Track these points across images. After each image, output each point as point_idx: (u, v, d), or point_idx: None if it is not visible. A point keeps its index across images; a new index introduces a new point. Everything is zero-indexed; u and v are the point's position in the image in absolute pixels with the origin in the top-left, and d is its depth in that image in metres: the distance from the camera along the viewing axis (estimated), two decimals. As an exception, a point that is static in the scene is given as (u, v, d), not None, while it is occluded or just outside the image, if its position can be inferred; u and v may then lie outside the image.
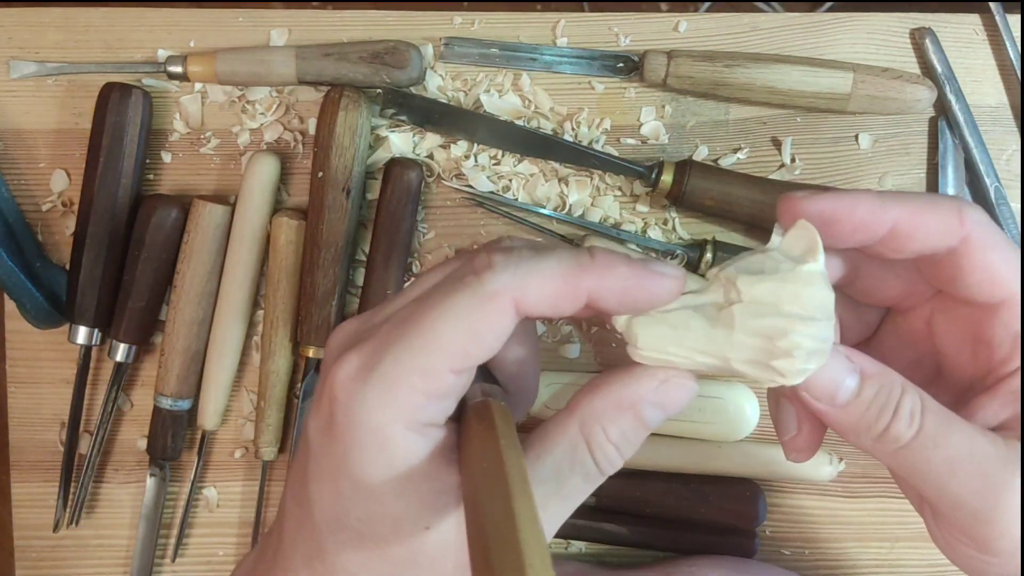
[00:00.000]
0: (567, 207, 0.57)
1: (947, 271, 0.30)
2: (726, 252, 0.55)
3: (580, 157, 0.56)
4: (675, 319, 0.29)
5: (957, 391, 0.33)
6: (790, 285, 0.28)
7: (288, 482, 0.31)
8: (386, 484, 0.27)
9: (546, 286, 0.27)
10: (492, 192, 0.57)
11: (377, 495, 0.27)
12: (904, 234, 0.29)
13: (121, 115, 0.54)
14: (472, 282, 0.27)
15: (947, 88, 0.57)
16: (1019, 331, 0.29)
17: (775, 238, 0.30)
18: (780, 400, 0.32)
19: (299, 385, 0.57)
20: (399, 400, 0.27)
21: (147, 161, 0.57)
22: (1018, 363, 0.30)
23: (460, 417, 0.30)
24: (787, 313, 0.27)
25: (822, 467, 0.56)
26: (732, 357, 0.28)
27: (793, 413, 0.32)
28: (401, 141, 0.57)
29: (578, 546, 0.58)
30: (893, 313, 0.35)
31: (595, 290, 0.28)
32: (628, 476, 0.56)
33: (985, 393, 0.30)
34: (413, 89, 0.57)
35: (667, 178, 0.55)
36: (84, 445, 0.57)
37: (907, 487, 0.32)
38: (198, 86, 0.57)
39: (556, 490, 0.29)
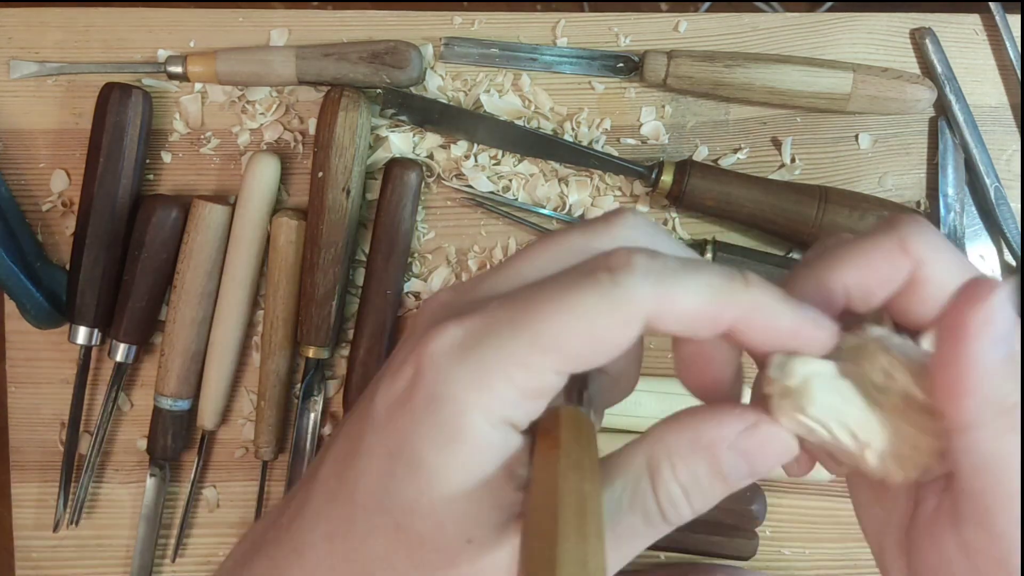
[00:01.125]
0: (567, 207, 0.57)
1: (903, 304, 0.27)
2: (726, 253, 0.55)
3: (580, 157, 0.56)
4: (845, 389, 0.25)
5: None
6: None
7: (332, 445, 0.28)
8: (445, 478, 0.25)
9: (688, 304, 0.24)
10: (492, 192, 0.57)
11: (432, 488, 0.25)
12: (860, 294, 0.27)
13: (121, 115, 0.54)
14: (605, 281, 0.24)
15: (947, 88, 0.57)
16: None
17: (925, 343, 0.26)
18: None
19: (299, 385, 0.57)
20: (492, 389, 0.24)
21: (147, 161, 0.57)
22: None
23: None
24: None
25: (821, 468, 0.55)
26: (875, 445, 0.25)
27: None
28: (401, 141, 0.57)
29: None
30: None
31: (741, 324, 0.25)
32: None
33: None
34: (413, 89, 0.57)
35: (667, 178, 0.55)
36: (84, 445, 0.57)
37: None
38: (198, 86, 0.57)
39: (612, 528, 0.25)
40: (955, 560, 0.25)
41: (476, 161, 0.57)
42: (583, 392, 0.27)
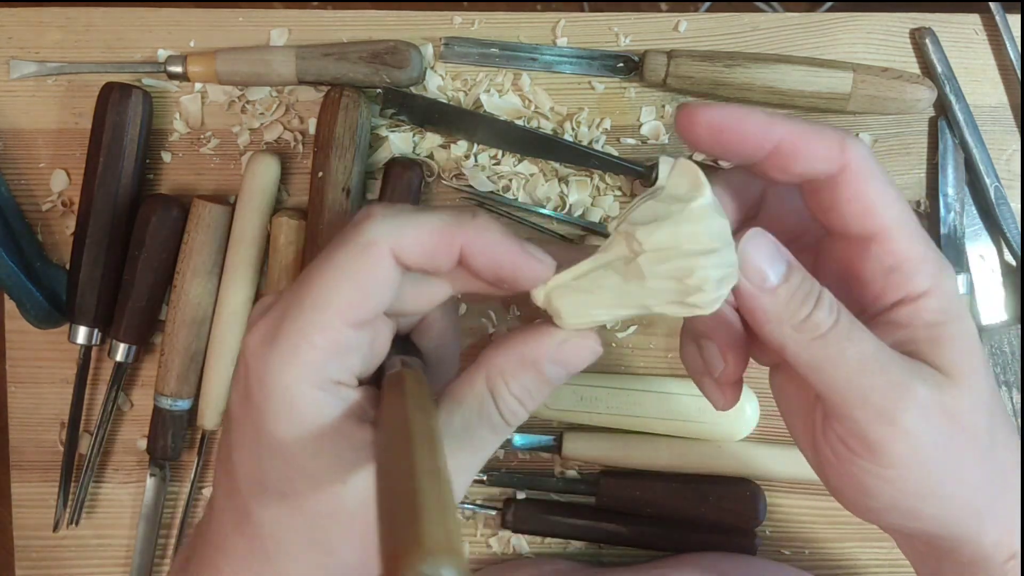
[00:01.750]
0: (567, 207, 0.57)
1: (826, 199, 0.31)
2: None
3: (580, 157, 0.56)
4: (589, 283, 0.30)
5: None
6: (685, 225, 0.29)
7: (217, 457, 0.33)
8: (299, 442, 0.28)
9: (422, 237, 0.28)
10: (492, 192, 0.57)
11: (292, 454, 0.28)
12: (787, 154, 0.30)
13: (121, 115, 0.54)
14: (351, 234, 0.29)
15: (947, 88, 0.57)
16: (889, 265, 0.30)
17: (661, 178, 0.31)
18: (702, 341, 0.34)
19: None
20: (302, 359, 0.28)
21: (147, 161, 0.57)
22: (891, 298, 0.31)
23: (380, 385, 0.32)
24: (688, 252, 0.28)
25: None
26: (650, 304, 0.30)
27: (716, 349, 0.33)
28: (401, 141, 0.57)
29: (577, 545, 0.58)
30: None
31: (468, 248, 0.29)
32: (628, 476, 0.56)
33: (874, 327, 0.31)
34: (413, 89, 0.57)
35: (667, 178, 0.54)
36: (84, 445, 0.57)
37: (802, 418, 0.34)
38: (198, 86, 0.57)
39: (467, 442, 0.30)
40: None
41: (476, 161, 0.57)
42: (415, 364, 0.32)
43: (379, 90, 0.56)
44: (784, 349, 0.30)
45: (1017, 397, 0.56)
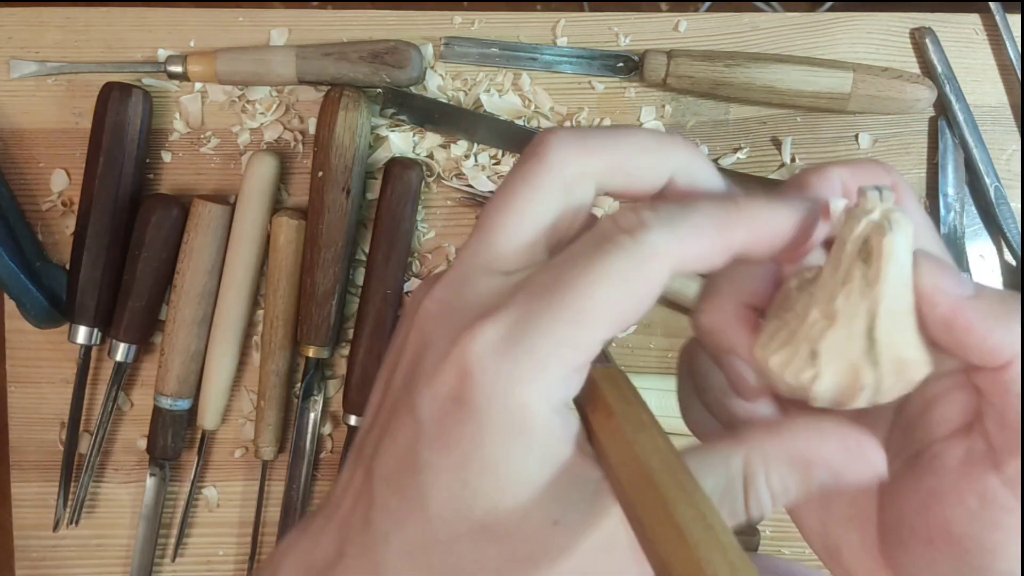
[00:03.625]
0: (567, 207, 0.57)
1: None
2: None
3: (580, 157, 0.56)
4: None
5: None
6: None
7: (377, 465, 0.27)
8: (522, 472, 0.25)
9: (702, 242, 0.25)
10: (492, 192, 0.57)
11: (511, 483, 0.25)
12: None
13: (121, 115, 0.54)
14: (627, 243, 0.25)
15: (947, 88, 0.57)
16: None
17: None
18: (724, 357, 0.30)
19: (299, 385, 0.57)
20: (549, 375, 0.24)
21: (147, 161, 0.57)
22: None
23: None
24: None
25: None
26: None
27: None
28: (401, 141, 0.57)
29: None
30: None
31: (747, 241, 0.26)
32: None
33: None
34: (413, 89, 0.57)
35: (667, 178, 0.55)
36: (84, 445, 0.57)
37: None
38: (198, 86, 0.57)
39: None
40: (1000, 497, 0.26)
41: (476, 161, 0.57)
42: (605, 353, 0.28)
43: (379, 90, 0.56)
44: (1005, 370, 0.25)
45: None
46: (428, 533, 0.26)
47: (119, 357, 0.55)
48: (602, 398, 0.26)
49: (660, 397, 0.55)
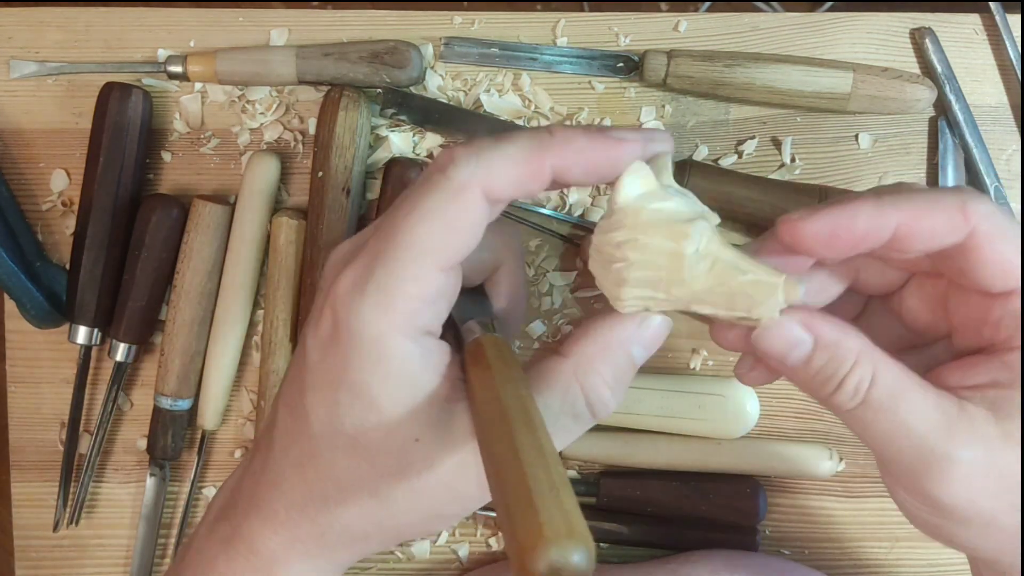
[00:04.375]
0: (567, 207, 0.57)
1: (956, 264, 0.30)
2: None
3: (580, 157, 0.56)
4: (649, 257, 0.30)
5: (950, 353, 0.33)
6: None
7: (280, 395, 0.32)
8: (382, 391, 0.29)
9: (511, 169, 0.28)
10: (492, 192, 0.57)
11: (373, 402, 0.29)
12: (907, 237, 0.28)
13: (121, 115, 0.54)
14: (439, 179, 0.28)
15: (947, 88, 0.57)
16: None
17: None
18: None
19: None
20: (396, 307, 0.28)
21: (147, 161, 0.57)
22: (1019, 342, 0.29)
23: (460, 347, 0.32)
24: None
25: (822, 462, 0.56)
26: (699, 307, 0.30)
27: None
28: (401, 141, 0.57)
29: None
30: (918, 279, 0.34)
31: (559, 166, 0.29)
32: (628, 476, 0.56)
33: (982, 355, 0.31)
34: (413, 89, 0.57)
35: (667, 178, 0.54)
36: (84, 445, 0.57)
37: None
38: (198, 86, 0.57)
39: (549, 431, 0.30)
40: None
41: (476, 161, 0.57)
42: (491, 324, 0.32)
43: (379, 90, 0.56)
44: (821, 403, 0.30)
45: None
46: (312, 447, 0.30)
47: (119, 357, 0.55)
48: (483, 356, 0.30)
49: (662, 397, 0.55)
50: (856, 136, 0.58)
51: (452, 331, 0.33)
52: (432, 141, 0.57)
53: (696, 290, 0.29)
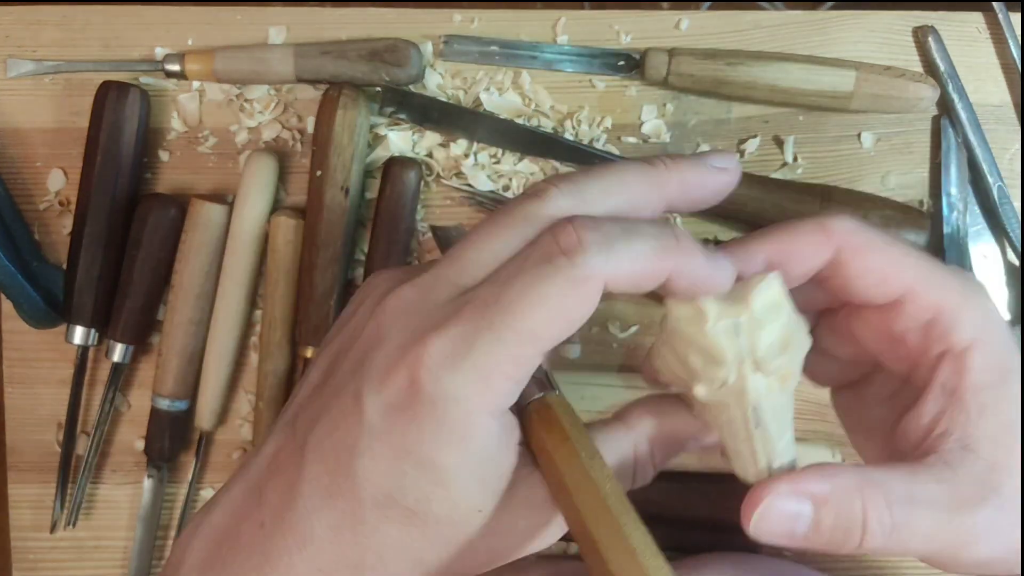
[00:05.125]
0: (567, 206, 0.56)
1: (836, 284, 0.31)
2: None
3: (581, 156, 0.56)
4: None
5: (897, 381, 0.34)
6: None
7: (311, 444, 0.29)
8: (460, 471, 0.27)
9: (636, 267, 0.28)
10: (492, 191, 0.57)
11: (446, 479, 0.27)
12: (780, 267, 0.30)
13: (118, 114, 0.54)
14: (564, 265, 0.27)
15: (950, 86, 0.56)
16: (926, 320, 0.30)
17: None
18: None
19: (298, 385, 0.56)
20: (491, 388, 0.27)
21: (144, 160, 0.57)
22: (935, 352, 0.30)
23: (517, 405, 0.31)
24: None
25: (823, 461, 0.55)
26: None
27: None
28: (400, 140, 0.57)
29: (576, 545, 0.57)
30: (825, 314, 0.36)
31: (675, 274, 0.28)
32: (629, 477, 0.56)
33: (923, 394, 0.31)
34: (412, 87, 0.56)
35: (668, 177, 0.54)
36: (81, 446, 0.57)
37: None
38: (196, 84, 0.57)
39: None
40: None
41: (476, 160, 0.57)
42: (549, 375, 0.31)
43: (378, 88, 0.56)
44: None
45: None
46: (357, 513, 0.28)
47: (116, 358, 0.55)
48: (557, 422, 0.29)
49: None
50: (859, 135, 0.58)
51: None
52: (431, 140, 0.57)
53: (704, 420, 0.31)
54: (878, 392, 0.36)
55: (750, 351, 0.29)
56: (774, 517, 0.28)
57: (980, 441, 0.29)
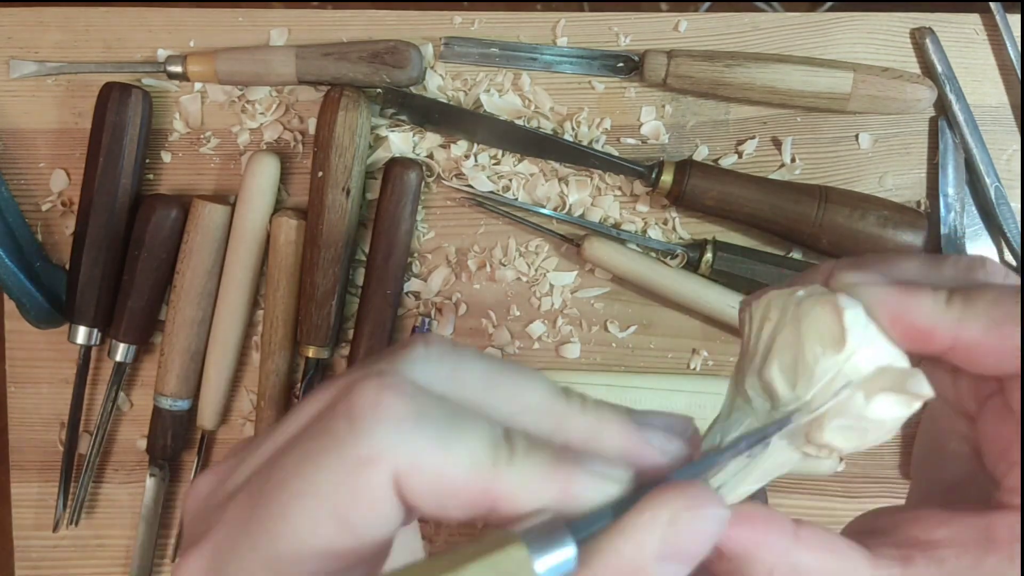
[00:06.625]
0: (567, 207, 0.57)
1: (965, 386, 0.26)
2: (726, 252, 0.55)
3: (580, 157, 0.56)
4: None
5: None
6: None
7: None
8: None
9: (446, 470, 0.19)
10: (492, 192, 0.57)
11: None
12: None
13: (121, 115, 0.54)
14: (343, 437, 0.19)
15: (947, 88, 0.57)
16: None
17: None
18: None
19: (299, 385, 0.57)
20: None
21: (147, 161, 0.57)
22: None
23: None
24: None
25: (822, 462, 0.55)
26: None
27: None
28: (401, 141, 0.57)
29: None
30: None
31: (500, 500, 0.20)
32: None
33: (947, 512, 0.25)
34: (413, 89, 0.57)
35: (667, 178, 0.54)
36: (84, 445, 0.57)
37: None
38: (198, 86, 0.57)
39: None
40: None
41: (476, 161, 0.57)
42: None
43: (379, 90, 0.56)
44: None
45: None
46: None
47: (119, 357, 0.55)
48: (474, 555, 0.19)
49: (662, 397, 0.55)
50: (856, 136, 0.58)
51: None
52: (432, 141, 0.57)
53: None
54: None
55: (842, 413, 0.24)
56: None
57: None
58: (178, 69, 0.56)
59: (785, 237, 0.56)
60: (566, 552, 0.19)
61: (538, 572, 0.19)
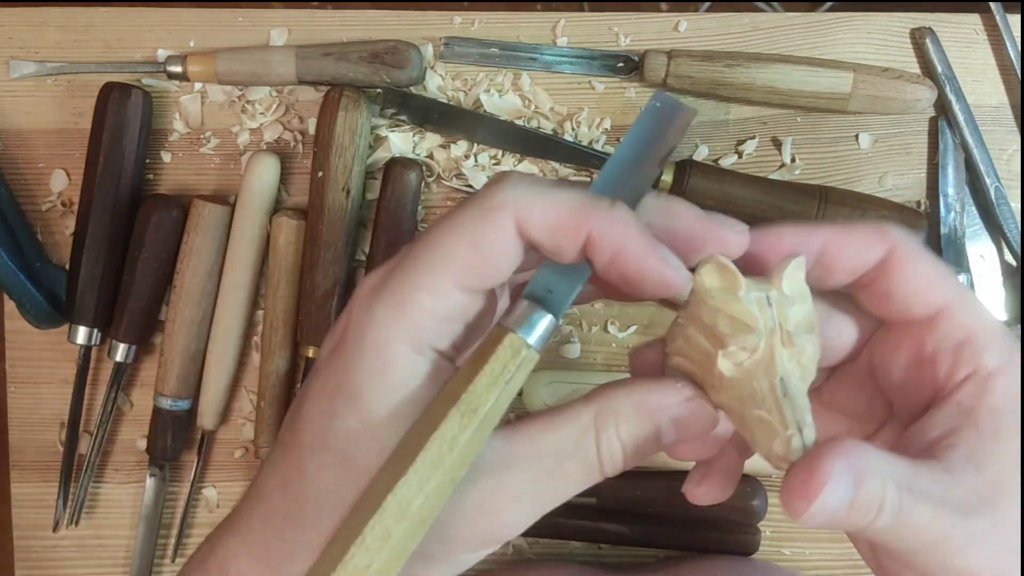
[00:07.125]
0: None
1: (881, 287, 0.30)
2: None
3: (580, 157, 0.56)
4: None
5: (899, 432, 0.32)
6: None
7: (289, 411, 0.30)
8: (381, 405, 0.27)
9: (551, 211, 0.27)
10: (492, 192, 0.57)
11: (370, 416, 0.27)
12: (832, 255, 0.29)
13: (121, 115, 0.54)
14: (478, 196, 0.27)
15: (947, 88, 0.57)
16: (960, 340, 0.29)
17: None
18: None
19: (299, 385, 0.57)
20: (406, 317, 0.27)
21: (147, 161, 0.57)
22: (962, 374, 0.29)
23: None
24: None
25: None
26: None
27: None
28: (401, 141, 0.57)
29: (577, 546, 0.58)
30: (839, 369, 0.34)
31: (596, 237, 0.27)
32: (628, 476, 0.56)
33: (931, 409, 0.30)
34: (413, 89, 0.57)
35: (667, 178, 0.55)
36: (84, 445, 0.57)
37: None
38: (198, 86, 0.57)
39: (551, 470, 0.28)
40: None
41: (476, 161, 0.57)
42: (549, 300, 0.28)
43: (379, 90, 0.56)
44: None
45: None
46: (300, 463, 0.28)
47: (119, 357, 0.55)
48: (488, 354, 0.27)
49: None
50: (856, 136, 0.58)
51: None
52: (432, 141, 0.57)
53: (720, 400, 0.28)
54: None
55: (779, 324, 0.27)
56: (832, 501, 0.25)
57: (987, 460, 0.28)
58: (178, 69, 0.56)
59: (785, 237, 0.56)
60: (545, 322, 0.27)
61: (530, 343, 0.27)
